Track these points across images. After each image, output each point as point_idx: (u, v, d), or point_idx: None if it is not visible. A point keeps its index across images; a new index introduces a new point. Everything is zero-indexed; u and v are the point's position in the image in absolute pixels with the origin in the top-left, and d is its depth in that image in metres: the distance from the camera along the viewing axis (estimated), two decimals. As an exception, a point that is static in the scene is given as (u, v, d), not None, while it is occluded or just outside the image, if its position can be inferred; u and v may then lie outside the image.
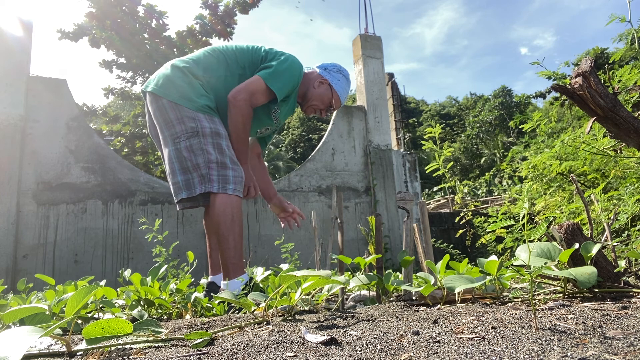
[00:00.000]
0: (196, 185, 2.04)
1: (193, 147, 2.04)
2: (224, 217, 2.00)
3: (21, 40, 5.00)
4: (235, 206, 2.04)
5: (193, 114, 2.07)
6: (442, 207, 12.60)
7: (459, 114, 34.75)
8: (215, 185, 2.01)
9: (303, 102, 2.40)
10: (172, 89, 2.11)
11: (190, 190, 2.06)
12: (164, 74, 2.19)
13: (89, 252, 4.89)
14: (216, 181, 2.02)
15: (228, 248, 1.99)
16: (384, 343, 0.77)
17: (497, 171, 9.24)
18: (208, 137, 2.05)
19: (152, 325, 0.93)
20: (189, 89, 2.12)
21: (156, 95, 2.13)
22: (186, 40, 8.97)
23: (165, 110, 2.10)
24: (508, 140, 23.83)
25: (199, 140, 2.04)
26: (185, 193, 2.07)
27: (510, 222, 1.72)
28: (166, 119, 2.10)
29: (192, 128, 2.05)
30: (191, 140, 2.04)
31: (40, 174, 4.83)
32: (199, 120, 2.06)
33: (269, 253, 5.62)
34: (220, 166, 2.04)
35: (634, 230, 2.44)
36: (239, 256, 2.02)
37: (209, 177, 2.02)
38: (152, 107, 2.16)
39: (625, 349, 0.65)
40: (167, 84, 2.14)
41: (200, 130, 2.05)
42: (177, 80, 2.14)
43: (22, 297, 1.94)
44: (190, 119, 2.06)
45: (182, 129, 2.06)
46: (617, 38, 3.22)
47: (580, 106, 1.59)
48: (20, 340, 0.71)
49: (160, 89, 2.12)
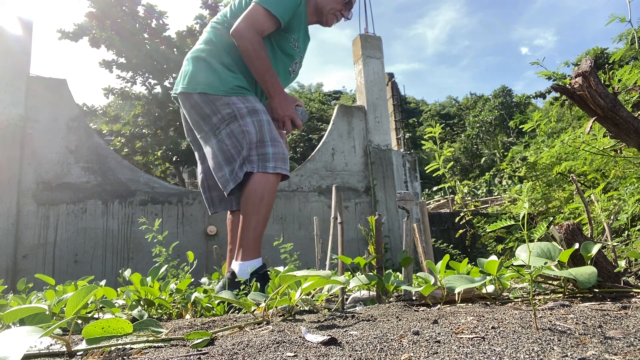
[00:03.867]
0: (238, 171, 1.95)
1: (234, 132, 1.95)
2: (252, 196, 1.91)
3: (21, 40, 5.00)
4: (268, 188, 1.93)
5: (226, 99, 1.98)
6: (442, 207, 12.60)
7: (459, 114, 34.76)
8: (255, 166, 1.92)
9: (319, 16, 2.22)
10: (199, 81, 2.02)
11: (236, 177, 1.95)
12: (186, 71, 2.11)
13: (89, 252, 4.89)
14: (256, 161, 1.93)
15: (248, 228, 1.91)
16: (384, 343, 0.77)
17: (497, 171, 9.23)
18: (246, 117, 1.95)
19: (152, 325, 0.93)
20: (214, 75, 2.02)
21: (186, 94, 2.05)
22: (186, 40, 8.97)
23: (199, 105, 2.02)
24: (508, 140, 23.83)
25: (239, 124, 1.95)
26: (233, 183, 1.96)
27: (510, 222, 1.72)
28: (202, 115, 2.02)
29: (228, 114, 1.97)
30: (231, 126, 1.96)
31: (40, 174, 4.83)
32: (233, 104, 1.97)
33: (269, 253, 5.62)
34: (260, 145, 1.94)
35: (634, 230, 2.44)
36: (257, 238, 1.92)
37: (249, 159, 1.93)
38: (186, 107, 2.08)
39: (625, 349, 0.65)
40: (192, 78, 2.06)
41: (237, 113, 1.96)
42: (200, 70, 2.05)
43: (22, 297, 1.94)
44: (225, 105, 1.97)
45: (219, 119, 1.98)
46: (617, 38, 3.22)
47: (580, 106, 1.59)
48: (20, 340, 0.71)
49: (188, 85, 2.04)
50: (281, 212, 5.86)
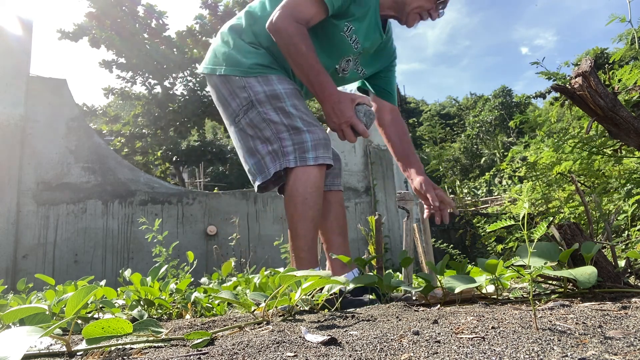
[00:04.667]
0: (269, 165, 1.66)
1: (254, 121, 1.67)
2: (294, 198, 1.61)
3: (21, 40, 5.00)
4: (310, 183, 1.61)
5: (242, 81, 1.69)
6: (442, 207, 12.56)
7: (459, 114, 34.78)
8: (292, 158, 1.60)
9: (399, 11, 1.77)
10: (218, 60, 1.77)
11: (264, 172, 1.67)
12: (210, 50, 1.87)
13: (89, 252, 4.89)
14: (292, 152, 1.61)
15: (297, 236, 1.63)
16: (384, 343, 0.77)
17: (497, 171, 9.23)
18: (265, 103, 1.66)
19: (152, 325, 0.93)
20: (232, 53, 1.74)
21: (208, 75, 1.81)
22: (186, 40, 8.98)
23: (218, 88, 1.76)
24: (508, 140, 23.85)
25: (257, 111, 1.66)
26: (260, 178, 1.69)
27: (510, 222, 1.72)
28: (221, 99, 1.77)
29: (245, 99, 1.68)
30: (249, 114, 1.68)
31: (40, 174, 4.83)
32: (250, 87, 1.68)
33: (269, 253, 5.62)
34: (293, 131, 1.62)
35: (634, 230, 2.44)
36: (310, 247, 1.64)
37: (282, 150, 1.62)
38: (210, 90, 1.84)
39: (625, 349, 0.65)
40: (212, 57, 1.80)
41: (254, 98, 1.67)
42: (220, 47, 1.79)
43: (22, 297, 1.94)
44: (241, 88, 1.69)
45: (237, 104, 1.71)
46: (617, 38, 3.23)
47: (580, 106, 1.59)
48: (20, 340, 0.71)
49: (209, 65, 1.79)
50: (281, 212, 5.86)
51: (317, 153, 1.61)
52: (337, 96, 1.59)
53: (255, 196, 5.87)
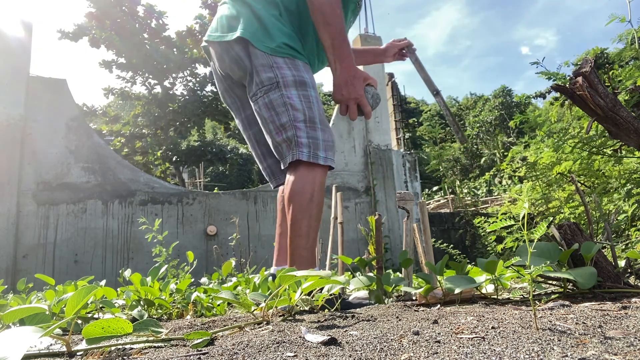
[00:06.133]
0: (285, 153, 1.59)
1: (274, 103, 1.57)
2: (300, 194, 1.55)
3: (21, 40, 5.00)
4: (318, 182, 1.57)
5: (269, 59, 1.58)
6: (442, 207, 12.60)
7: (459, 114, 34.77)
8: (305, 152, 1.54)
9: None
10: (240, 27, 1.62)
11: (284, 158, 1.61)
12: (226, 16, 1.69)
13: (89, 252, 4.89)
14: (306, 145, 1.54)
15: (299, 235, 1.56)
16: (384, 343, 0.77)
17: (497, 171, 9.24)
18: (291, 87, 1.57)
19: (152, 325, 0.93)
20: (259, 24, 1.62)
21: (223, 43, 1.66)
22: (186, 40, 8.98)
23: (241, 59, 1.62)
24: (508, 140, 23.84)
25: (281, 94, 1.56)
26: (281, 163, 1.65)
27: (510, 222, 1.72)
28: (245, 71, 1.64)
29: (269, 79, 1.57)
30: (270, 95, 1.58)
31: (40, 174, 4.83)
32: (278, 67, 1.58)
33: (269, 253, 5.62)
34: (310, 125, 1.56)
35: (634, 230, 2.44)
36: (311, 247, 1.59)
37: (296, 141, 1.55)
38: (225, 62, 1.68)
39: (625, 349, 0.65)
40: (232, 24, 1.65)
41: (281, 80, 1.57)
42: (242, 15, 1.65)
43: (22, 297, 1.94)
44: (266, 67, 1.58)
45: (257, 82, 1.60)
46: (617, 38, 3.23)
47: (580, 106, 1.59)
48: (20, 340, 0.71)
49: (229, 32, 1.64)
50: (281, 212, 5.85)
51: (327, 154, 1.58)
52: (354, 70, 1.56)
53: (255, 196, 5.87)
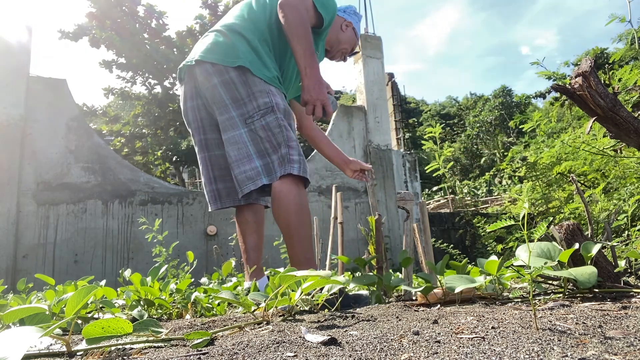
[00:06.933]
0: (276, 169, 1.75)
1: (270, 125, 1.76)
2: (295, 206, 1.72)
3: (21, 41, 5.00)
4: (303, 193, 1.77)
5: (265, 86, 1.78)
6: (442, 207, 12.60)
7: (459, 114, 34.75)
8: (296, 167, 1.74)
9: (332, 47, 2.13)
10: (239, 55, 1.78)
11: (272, 175, 1.75)
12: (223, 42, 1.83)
13: (89, 252, 4.89)
14: (297, 162, 1.75)
15: (300, 241, 1.72)
16: (384, 343, 0.77)
17: (497, 171, 9.23)
18: (281, 113, 1.78)
19: (152, 325, 0.93)
20: (256, 54, 1.81)
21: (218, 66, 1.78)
22: (186, 40, 8.97)
23: (234, 84, 1.76)
24: (508, 140, 23.84)
25: (275, 117, 1.76)
26: (267, 179, 1.75)
27: (510, 222, 1.72)
28: (234, 97, 1.77)
29: (265, 104, 1.76)
30: (267, 118, 1.76)
31: (40, 174, 4.83)
32: (272, 94, 1.78)
33: (269, 253, 5.62)
34: (297, 147, 1.78)
35: (634, 230, 2.44)
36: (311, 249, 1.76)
37: (289, 158, 1.75)
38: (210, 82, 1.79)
39: (625, 349, 0.65)
40: (230, 49, 1.79)
41: (275, 106, 1.77)
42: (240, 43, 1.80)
43: (22, 297, 1.94)
44: (263, 93, 1.77)
45: (254, 107, 1.76)
46: (617, 38, 3.22)
47: (580, 106, 1.59)
48: (20, 340, 0.71)
49: (224, 57, 1.78)
50: (281, 212, 5.85)
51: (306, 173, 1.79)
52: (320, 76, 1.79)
53: (255, 196, 5.86)
